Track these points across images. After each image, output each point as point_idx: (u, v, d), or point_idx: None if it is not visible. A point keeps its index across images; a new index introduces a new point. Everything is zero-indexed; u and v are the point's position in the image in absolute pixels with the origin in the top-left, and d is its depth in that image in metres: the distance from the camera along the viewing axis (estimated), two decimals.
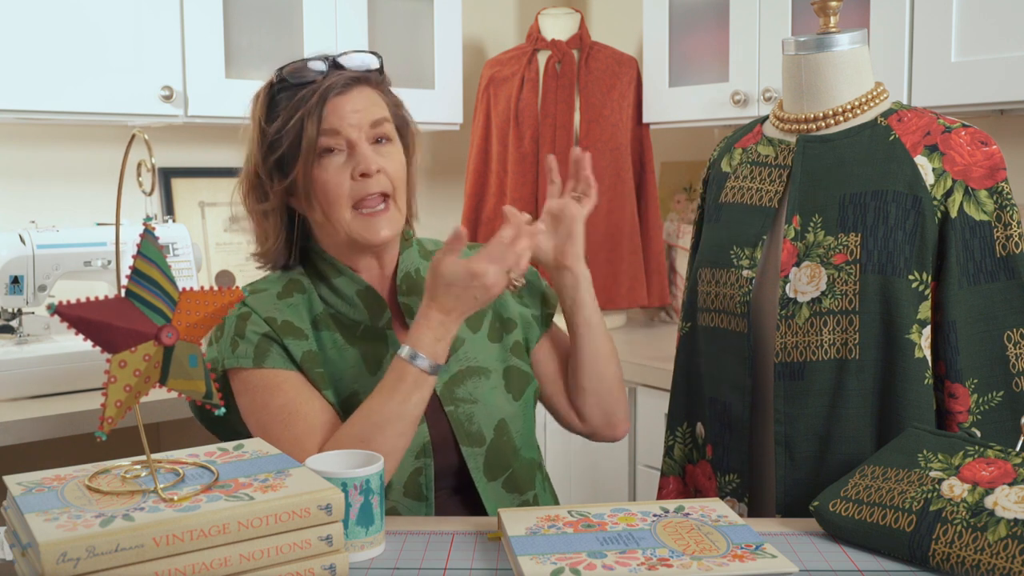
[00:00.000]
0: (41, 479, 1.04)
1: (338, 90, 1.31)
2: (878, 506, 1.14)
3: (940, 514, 1.09)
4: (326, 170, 1.31)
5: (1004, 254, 1.30)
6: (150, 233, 0.98)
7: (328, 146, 1.31)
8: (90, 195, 2.42)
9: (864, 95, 1.38)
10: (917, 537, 1.09)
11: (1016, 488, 1.08)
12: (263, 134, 1.34)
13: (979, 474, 1.11)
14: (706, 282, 1.45)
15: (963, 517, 1.08)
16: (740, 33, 2.40)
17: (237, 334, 1.32)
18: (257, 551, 0.97)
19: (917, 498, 1.12)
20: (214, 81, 2.26)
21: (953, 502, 1.09)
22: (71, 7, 2.07)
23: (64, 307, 0.91)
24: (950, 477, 1.12)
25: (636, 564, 1.03)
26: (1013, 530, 1.04)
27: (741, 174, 1.46)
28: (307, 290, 1.38)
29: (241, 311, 1.34)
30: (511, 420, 1.39)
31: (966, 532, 1.07)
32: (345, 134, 1.31)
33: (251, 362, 1.31)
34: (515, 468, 1.39)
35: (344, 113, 1.31)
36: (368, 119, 1.32)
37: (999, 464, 1.12)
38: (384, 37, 2.53)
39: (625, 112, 2.69)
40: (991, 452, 1.14)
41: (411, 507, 1.33)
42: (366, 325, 1.37)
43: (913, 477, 1.15)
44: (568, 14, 2.77)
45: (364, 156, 1.30)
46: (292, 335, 1.33)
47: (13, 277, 1.92)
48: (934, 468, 1.15)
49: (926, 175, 1.31)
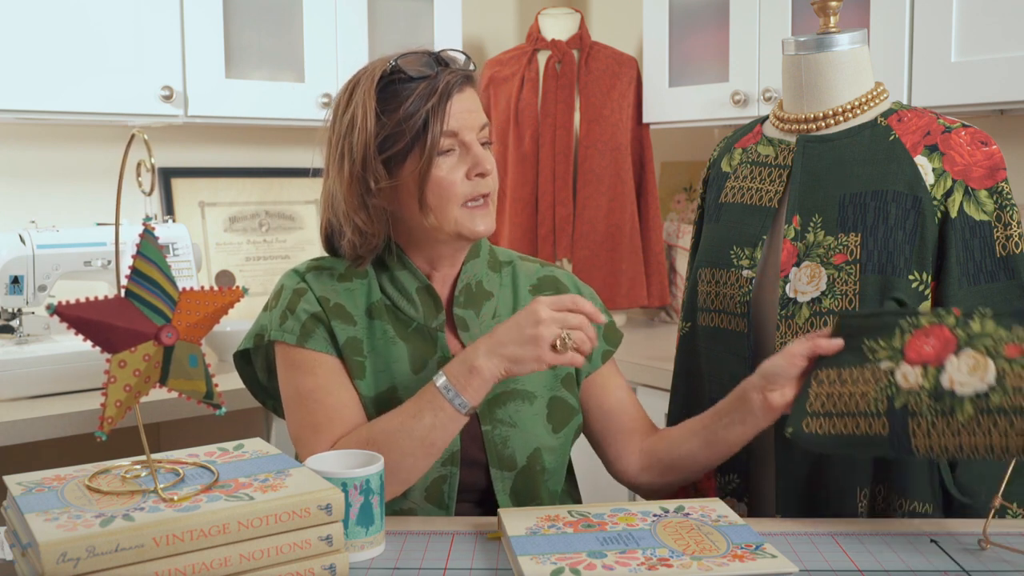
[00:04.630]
0: (41, 479, 1.04)
1: (457, 87, 1.30)
2: (848, 416, 1.15)
3: (907, 409, 1.11)
4: (441, 168, 1.29)
5: (1004, 254, 1.30)
6: (150, 233, 0.98)
7: (447, 147, 1.29)
8: (90, 195, 2.42)
9: (864, 95, 1.38)
10: (895, 439, 1.12)
11: (962, 356, 1.09)
12: (380, 125, 1.29)
13: (923, 351, 1.12)
14: (706, 282, 1.45)
15: (928, 405, 1.10)
16: (740, 33, 2.40)
17: (288, 308, 1.35)
18: (257, 551, 0.97)
19: (879, 398, 1.13)
20: (214, 81, 2.26)
21: (913, 392, 1.11)
22: (71, 7, 2.07)
23: (64, 307, 0.91)
24: (899, 364, 1.13)
25: (636, 564, 1.03)
26: (978, 405, 1.07)
27: (741, 174, 1.46)
28: (368, 276, 1.38)
29: (298, 285, 1.36)
30: (547, 451, 1.36)
31: (938, 420, 1.09)
32: (462, 136, 1.30)
33: (295, 339, 1.33)
34: (542, 498, 1.37)
35: (461, 114, 1.30)
36: (479, 121, 1.32)
37: (937, 332, 1.13)
38: (384, 37, 2.53)
39: (625, 112, 2.69)
40: (925, 320, 1.14)
41: (431, 513, 1.32)
42: (419, 323, 1.36)
43: (867, 374, 1.15)
44: (568, 14, 2.77)
45: (482, 156, 1.30)
46: (341, 319, 1.34)
47: (13, 277, 1.92)
48: (881, 358, 1.15)
49: (926, 175, 1.31)
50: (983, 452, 1.07)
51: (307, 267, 1.40)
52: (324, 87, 2.40)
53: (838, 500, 1.33)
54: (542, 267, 1.48)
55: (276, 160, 2.70)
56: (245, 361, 1.43)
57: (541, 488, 1.36)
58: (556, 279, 1.47)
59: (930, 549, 1.15)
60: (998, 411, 1.06)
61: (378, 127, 1.28)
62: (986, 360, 1.08)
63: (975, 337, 1.10)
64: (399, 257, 1.37)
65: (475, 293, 1.39)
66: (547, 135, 2.66)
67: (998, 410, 1.06)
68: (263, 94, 2.35)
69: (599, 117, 2.66)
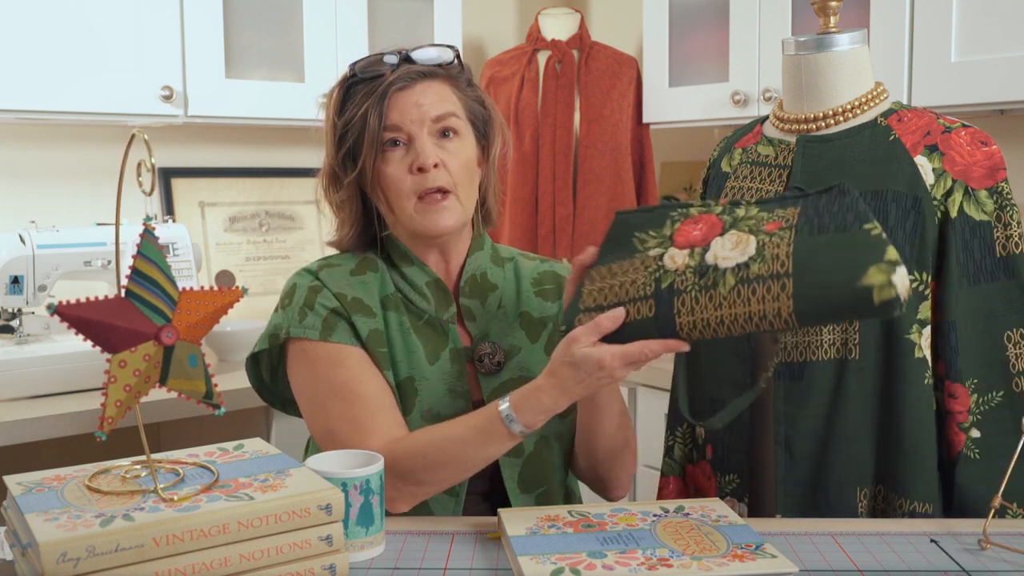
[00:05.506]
0: (41, 479, 1.04)
1: (401, 84, 1.32)
2: (617, 305, 1.14)
3: (673, 288, 1.11)
4: (388, 163, 1.33)
5: (1004, 254, 1.30)
6: (150, 233, 0.98)
7: (391, 138, 1.32)
8: (90, 195, 2.42)
9: (864, 95, 1.38)
10: (661, 319, 1.11)
11: (727, 236, 1.11)
12: (334, 127, 1.36)
13: (691, 236, 1.13)
14: None
15: (693, 282, 1.10)
16: (740, 33, 2.40)
17: (306, 305, 1.35)
18: (257, 551, 0.97)
19: (647, 282, 1.13)
20: (214, 81, 2.26)
21: (679, 272, 1.11)
22: (71, 7, 2.07)
23: (64, 307, 0.91)
24: (668, 249, 1.14)
25: (636, 564, 1.03)
26: (739, 275, 1.08)
27: (741, 174, 1.46)
28: (380, 270, 1.40)
29: (312, 283, 1.37)
30: (554, 439, 1.38)
31: (701, 295, 1.09)
32: (405, 128, 1.32)
33: (318, 334, 1.33)
34: (550, 486, 1.38)
35: (405, 107, 1.32)
36: (431, 113, 1.33)
37: (705, 219, 1.14)
38: (384, 37, 2.53)
39: (625, 112, 2.69)
40: (694, 210, 1.16)
41: (441, 501, 1.33)
42: (431, 315, 1.38)
43: (637, 263, 1.15)
44: (568, 14, 2.77)
45: (422, 150, 1.31)
46: (361, 312, 1.35)
47: (13, 277, 1.92)
48: (651, 247, 1.15)
49: (926, 175, 1.31)
50: (742, 322, 1.07)
51: (318, 266, 1.41)
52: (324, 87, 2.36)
53: (838, 500, 1.33)
54: (542, 262, 1.50)
55: (276, 160, 2.70)
56: (254, 363, 1.43)
57: (549, 477, 1.37)
58: (556, 274, 1.48)
59: (930, 549, 1.15)
60: (757, 279, 1.07)
61: (335, 130, 1.36)
62: (748, 236, 1.10)
63: (740, 220, 1.13)
64: (406, 254, 1.39)
65: (480, 284, 1.41)
66: (547, 135, 2.66)
67: (757, 278, 1.07)
68: (263, 94, 2.35)
69: (599, 117, 2.66)
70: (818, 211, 1.10)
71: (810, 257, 1.06)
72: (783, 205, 1.14)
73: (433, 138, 1.33)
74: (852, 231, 1.06)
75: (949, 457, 1.31)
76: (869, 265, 1.03)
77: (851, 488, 1.32)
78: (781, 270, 1.06)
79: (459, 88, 1.38)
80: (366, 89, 1.33)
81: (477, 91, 1.41)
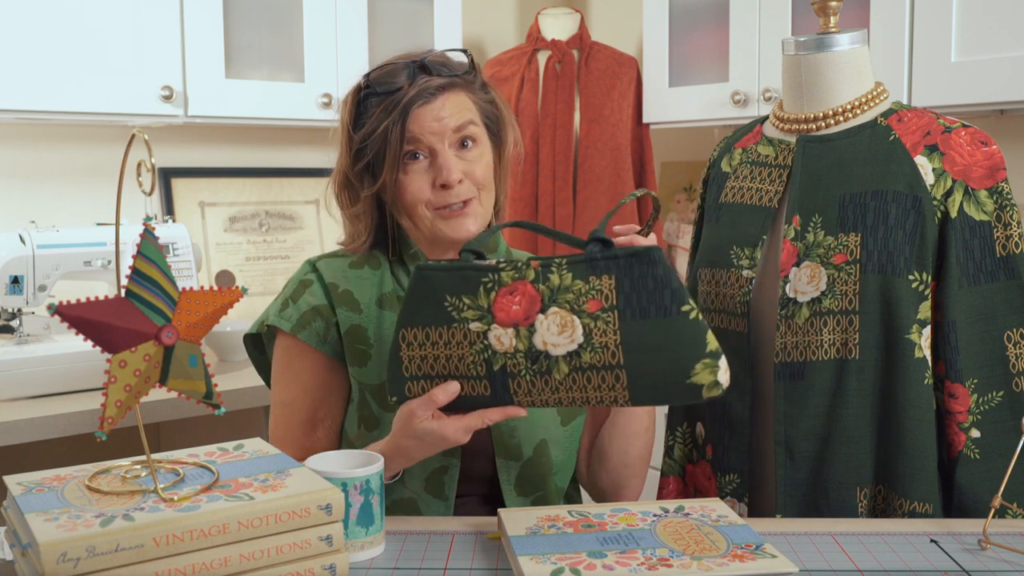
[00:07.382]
0: (41, 479, 1.04)
1: (423, 100, 1.31)
2: (450, 378, 1.14)
3: (506, 371, 1.12)
4: (409, 175, 1.33)
5: (1004, 254, 1.30)
6: (150, 233, 0.98)
7: (412, 151, 1.32)
8: (90, 195, 2.42)
9: (864, 95, 1.38)
10: (498, 399, 1.13)
11: (549, 315, 1.10)
12: (351, 140, 1.36)
13: (511, 312, 1.11)
14: (706, 282, 1.45)
15: (526, 366, 1.11)
16: (740, 33, 2.40)
17: (291, 297, 1.39)
18: (257, 551, 0.97)
19: (477, 361, 1.12)
20: (214, 81, 2.26)
21: (508, 354, 1.11)
22: (71, 7, 2.07)
23: (64, 307, 0.91)
24: (490, 327, 1.12)
25: (636, 564, 1.03)
26: (572, 363, 1.09)
27: (741, 174, 1.46)
28: (381, 268, 1.40)
29: (305, 277, 1.40)
30: (553, 443, 1.38)
31: (536, 379, 1.11)
32: (426, 142, 1.31)
33: (290, 326, 1.36)
34: (547, 491, 1.38)
35: (426, 121, 1.31)
36: (451, 125, 1.32)
37: (520, 288, 1.11)
38: (384, 37, 2.53)
39: (625, 112, 2.69)
40: (505, 275, 1.12)
41: (430, 503, 1.33)
42: None
43: (458, 335, 1.13)
44: (568, 14, 2.77)
45: (446, 167, 1.31)
46: (347, 305, 1.37)
47: (13, 277, 1.92)
48: (470, 318, 1.12)
49: (926, 175, 1.31)
50: (580, 403, 1.11)
51: (323, 256, 1.43)
52: (324, 87, 2.40)
53: (838, 500, 1.33)
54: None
55: (276, 160, 2.70)
56: (259, 351, 1.47)
57: (546, 482, 1.37)
58: None
59: (930, 549, 1.15)
60: (590, 368, 1.08)
61: (350, 143, 1.35)
62: (572, 318, 1.09)
63: (557, 291, 1.11)
64: (415, 255, 1.39)
65: None
66: (547, 135, 2.66)
67: (590, 367, 1.08)
68: (263, 94, 2.35)
69: (599, 117, 2.66)
70: (635, 286, 1.07)
71: (639, 351, 1.07)
72: (596, 271, 1.09)
73: (454, 149, 1.33)
74: (672, 317, 1.06)
75: (949, 457, 1.31)
76: (695, 362, 1.06)
77: (851, 488, 1.32)
78: (612, 361, 1.08)
79: (474, 93, 1.38)
80: (384, 103, 1.32)
81: (490, 92, 1.41)
